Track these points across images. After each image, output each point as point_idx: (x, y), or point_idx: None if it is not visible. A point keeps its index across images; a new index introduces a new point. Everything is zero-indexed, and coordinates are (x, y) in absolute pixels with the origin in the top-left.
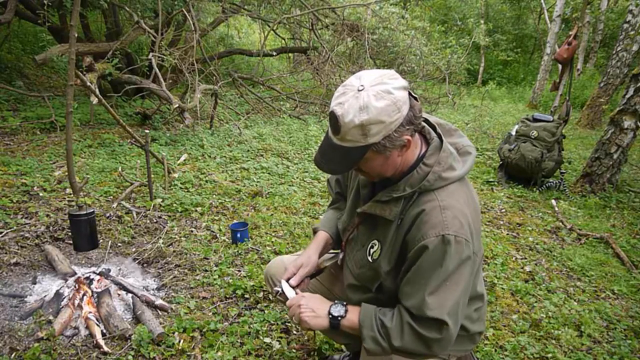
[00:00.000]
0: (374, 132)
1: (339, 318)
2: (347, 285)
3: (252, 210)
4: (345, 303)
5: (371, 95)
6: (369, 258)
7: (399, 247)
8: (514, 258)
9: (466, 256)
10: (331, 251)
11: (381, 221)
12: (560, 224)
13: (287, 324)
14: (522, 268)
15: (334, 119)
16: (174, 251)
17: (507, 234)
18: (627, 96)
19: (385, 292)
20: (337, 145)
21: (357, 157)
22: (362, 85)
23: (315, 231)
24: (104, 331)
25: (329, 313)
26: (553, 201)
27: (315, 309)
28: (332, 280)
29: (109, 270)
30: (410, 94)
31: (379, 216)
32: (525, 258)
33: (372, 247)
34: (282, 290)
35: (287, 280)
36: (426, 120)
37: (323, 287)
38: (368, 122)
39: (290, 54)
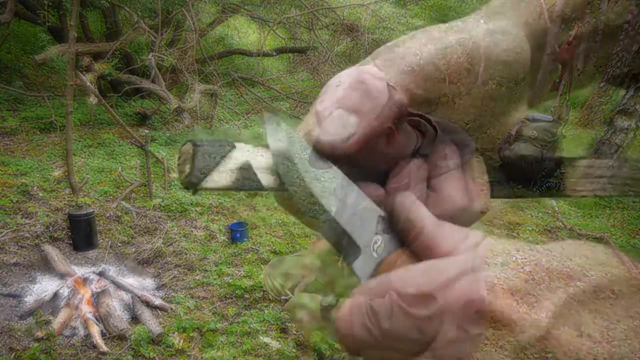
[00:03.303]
0: (352, 122)
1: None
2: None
3: (251, 210)
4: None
5: (345, 88)
6: (374, 254)
7: None
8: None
9: None
10: None
11: None
12: (560, 223)
13: (286, 323)
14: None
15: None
16: (173, 251)
17: (507, 234)
18: (627, 96)
19: None
20: None
21: None
22: (339, 82)
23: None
24: (103, 331)
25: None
26: (553, 201)
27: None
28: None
29: (109, 270)
30: (387, 83)
31: None
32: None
33: (375, 242)
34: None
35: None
36: (423, 117)
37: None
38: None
39: (289, 54)
